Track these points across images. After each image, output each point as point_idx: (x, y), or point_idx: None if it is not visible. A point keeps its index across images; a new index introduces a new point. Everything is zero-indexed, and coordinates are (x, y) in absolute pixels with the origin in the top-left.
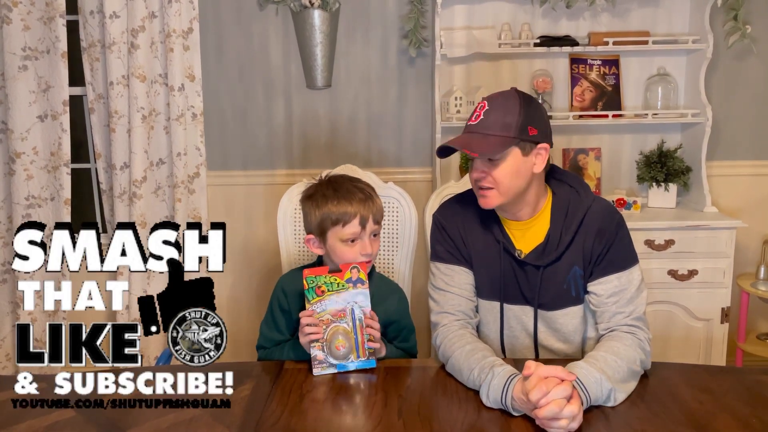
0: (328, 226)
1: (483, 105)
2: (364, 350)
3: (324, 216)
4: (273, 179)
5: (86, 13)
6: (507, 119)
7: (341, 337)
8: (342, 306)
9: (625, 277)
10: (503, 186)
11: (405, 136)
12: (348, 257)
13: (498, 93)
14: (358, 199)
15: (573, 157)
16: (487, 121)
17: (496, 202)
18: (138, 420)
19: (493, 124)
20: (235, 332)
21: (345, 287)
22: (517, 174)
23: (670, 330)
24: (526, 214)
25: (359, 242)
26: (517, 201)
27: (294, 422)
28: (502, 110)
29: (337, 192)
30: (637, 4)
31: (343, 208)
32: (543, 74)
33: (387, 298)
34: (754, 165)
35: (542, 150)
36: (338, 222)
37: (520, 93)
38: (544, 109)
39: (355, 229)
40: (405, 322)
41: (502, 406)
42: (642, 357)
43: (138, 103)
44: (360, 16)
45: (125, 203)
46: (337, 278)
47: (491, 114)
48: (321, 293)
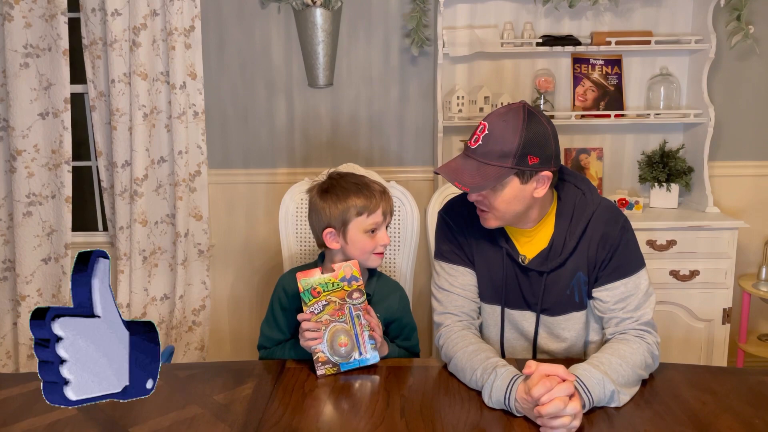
0: (351, 217)
1: (483, 127)
2: (366, 347)
3: (347, 207)
4: (274, 178)
5: (88, 10)
6: (505, 148)
7: (342, 336)
8: (339, 305)
9: (632, 283)
10: (499, 212)
11: (407, 135)
12: (368, 248)
13: (502, 111)
14: (378, 191)
15: (575, 157)
16: (485, 147)
17: (494, 224)
18: (139, 418)
19: (490, 153)
20: (237, 331)
21: (340, 286)
22: (514, 200)
23: (672, 330)
24: (529, 225)
25: (378, 233)
26: (517, 221)
27: (296, 421)
28: (500, 138)
29: (358, 185)
30: (639, 4)
31: (367, 199)
32: (545, 74)
33: (388, 297)
34: (757, 165)
35: (544, 177)
36: (362, 212)
37: (525, 112)
38: (549, 129)
39: (378, 219)
40: (406, 319)
41: (505, 407)
42: (649, 361)
43: (139, 101)
44: (362, 14)
45: (126, 201)
46: (331, 278)
47: (490, 141)
48: (317, 294)
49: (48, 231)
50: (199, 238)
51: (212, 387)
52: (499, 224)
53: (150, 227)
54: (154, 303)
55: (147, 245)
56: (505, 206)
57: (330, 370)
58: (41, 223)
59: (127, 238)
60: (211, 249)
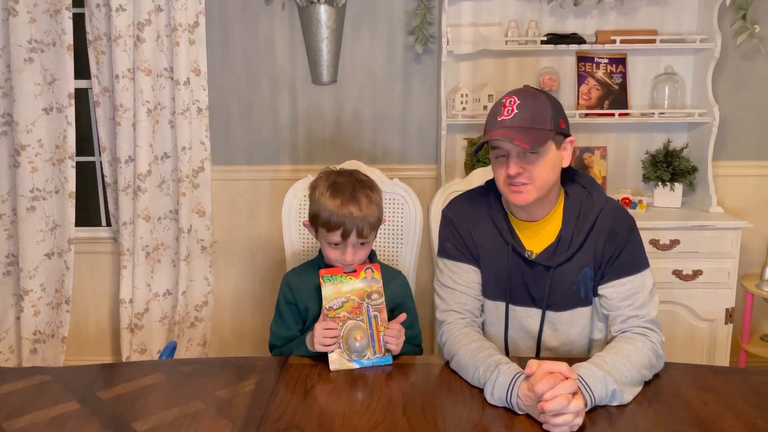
0: (317, 224)
1: (513, 100)
2: (380, 347)
3: (315, 213)
4: (277, 174)
5: (92, 6)
6: (541, 112)
7: (359, 331)
8: (357, 303)
9: (638, 281)
10: (540, 181)
11: (410, 133)
12: (331, 257)
13: (519, 89)
14: (349, 211)
15: (579, 155)
16: (523, 114)
17: (533, 197)
18: (142, 413)
19: (531, 118)
20: (239, 327)
21: (360, 285)
22: (552, 168)
23: (674, 330)
24: (542, 214)
25: (341, 248)
26: (543, 200)
27: (298, 417)
28: (534, 105)
29: (334, 194)
30: (645, 3)
31: (331, 214)
32: (549, 72)
33: (390, 283)
34: (761, 165)
35: (569, 144)
36: (325, 225)
37: (537, 89)
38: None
39: (336, 239)
40: (409, 304)
41: (507, 405)
42: (653, 361)
43: (143, 97)
44: (366, 11)
45: (129, 197)
46: (352, 278)
47: (525, 108)
48: (337, 292)
49: (51, 226)
50: (202, 234)
51: (215, 383)
52: (535, 197)
53: (153, 223)
54: (157, 299)
55: (150, 241)
56: (546, 174)
57: (344, 365)
58: (45, 218)
59: (130, 233)
60: (214, 245)
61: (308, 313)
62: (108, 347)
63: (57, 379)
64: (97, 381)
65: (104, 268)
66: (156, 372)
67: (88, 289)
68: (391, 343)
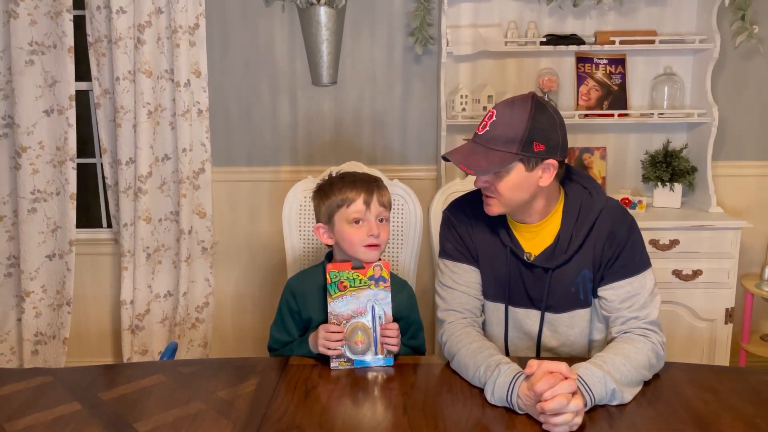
0: (334, 210)
1: (491, 114)
2: (383, 347)
3: (331, 201)
4: (278, 176)
5: (93, 8)
6: (511, 134)
7: (360, 333)
8: (363, 303)
9: (638, 282)
10: (504, 198)
11: (410, 134)
12: (355, 239)
13: (510, 100)
14: (361, 182)
15: (578, 156)
16: (492, 133)
17: (498, 210)
18: (143, 414)
19: (497, 138)
20: (240, 328)
21: (367, 284)
22: (519, 188)
23: (674, 330)
24: (535, 220)
25: (365, 224)
26: (522, 210)
27: (299, 418)
28: (507, 123)
29: (342, 179)
30: (644, 4)
31: (347, 191)
32: (549, 73)
33: (397, 294)
34: (760, 165)
35: (550, 165)
36: (343, 204)
37: (534, 102)
38: (557, 120)
39: (359, 208)
40: (414, 317)
41: (507, 405)
42: (653, 361)
43: (144, 99)
44: (366, 13)
45: (130, 198)
46: (359, 275)
47: (497, 127)
48: (343, 288)
49: (52, 227)
50: (202, 236)
51: (215, 383)
52: (502, 211)
53: (154, 224)
54: (158, 300)
55: (151, 242)
56: (510, 193)
57: (344, 364)
58: (46, 220)
59: (131, 235)
60: (215, 246)
61: (311, 323)
62: (109, 348)
63: (58, 380)
64: (98, 382)
65: (105, 270)
66: (157, 373)
67: (89, 291)
68: (392, 344)
